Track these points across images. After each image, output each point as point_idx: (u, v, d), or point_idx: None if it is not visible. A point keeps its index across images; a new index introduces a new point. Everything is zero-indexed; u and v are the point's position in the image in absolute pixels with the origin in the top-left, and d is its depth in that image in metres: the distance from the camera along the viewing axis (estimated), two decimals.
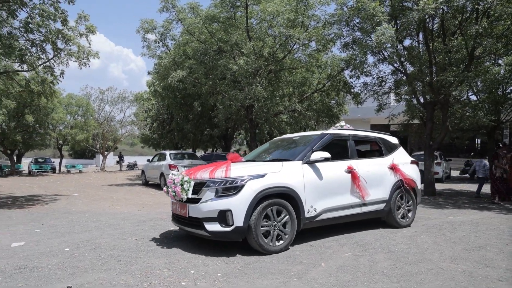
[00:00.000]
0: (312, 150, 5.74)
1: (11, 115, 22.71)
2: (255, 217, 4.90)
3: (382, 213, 6.56)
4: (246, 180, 4.96)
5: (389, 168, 6.69)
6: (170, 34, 17.24)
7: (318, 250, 5.27)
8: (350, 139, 6.48)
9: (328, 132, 6.37)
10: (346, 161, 6.15)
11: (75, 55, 11.51)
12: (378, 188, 6.40)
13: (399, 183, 6.71)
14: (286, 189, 5.20)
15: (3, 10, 9.98)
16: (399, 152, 7.18)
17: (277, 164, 5.43)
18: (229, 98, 16.13)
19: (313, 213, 5.48)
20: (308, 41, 15.73)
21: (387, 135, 7.37)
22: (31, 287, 3.88)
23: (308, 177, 5.48)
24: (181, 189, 5.21)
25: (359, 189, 6.01)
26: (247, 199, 4.86)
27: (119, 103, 36.17)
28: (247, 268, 4.47)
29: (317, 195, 5.52)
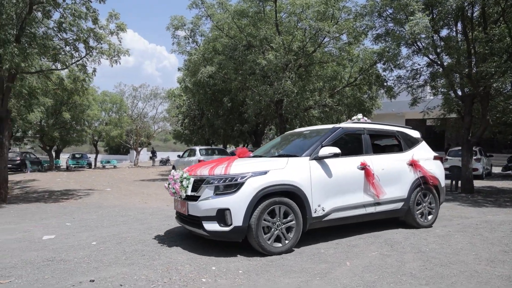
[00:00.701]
0: (321, 145, 5.39)
1: (50, 113, 23.73)
2: (256, 217, 4.63)
3: (400, 212, 6.13)
4: (246, 177, 4.68)
5: (408, 164, 6.23)
6: (200, 30, 17.33)
7: (344, 248, 5.09)
8: (365, 133, 6.05)
9: (340, 126, 5.95)
10: (359, 156, 5.75)
11: (107, 52, 11.75)
12: (395, 185, 5.99)
13: (419, 180, 6.25)
14: (291, 187, 4.90)
15: (39, 11, 10.31)
16: (420, 147, 6.70)
17: (282, 160, 5.11)
18: (258, 93, 16.04)
19: (321, 212, 5.15)
20: (339, 34, 15.35)
21: (407, 129, 6.90)
22: (57, 279, 3.95)
23: (316, 174, 5.14)
24: (180, 186, 5.06)
25: (373, 187, 5.62)
26: (246, 198, 4.59)
27: (151, 99, 37.03)
28: (269, 266, 4.36)
29: (325, 194, 5.18)
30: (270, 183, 4.74)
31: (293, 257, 4.69)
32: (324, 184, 5.18)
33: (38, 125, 24.69)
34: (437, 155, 6.94)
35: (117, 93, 36.37)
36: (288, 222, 4.88)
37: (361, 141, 5.96)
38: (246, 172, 4.74)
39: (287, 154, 5.61)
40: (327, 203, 5.20)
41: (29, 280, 3.94)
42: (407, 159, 6.28)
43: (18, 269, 4.31)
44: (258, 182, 4.68)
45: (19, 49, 8.61)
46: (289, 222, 4.89)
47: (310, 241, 5.44)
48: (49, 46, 10.23)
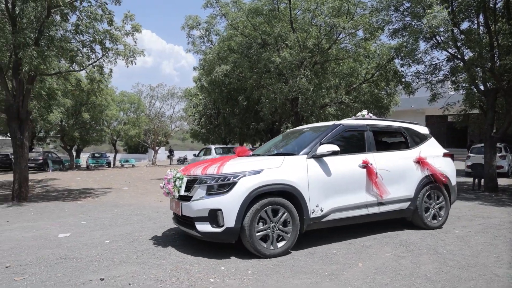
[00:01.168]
0: (320, 142, 5.18)
1: (70, 113, 24.24)
2: (249, 218, 4.48)
3: (406, 212, 5.85)
4: (239, 177, 4.54)
5: (415, 162, 5.95)
6: (214, 29, 17.34)
7: (357, 249, 4.97)
8: (368, 129, 5.79)
9: (341, 122, 5.73)
10: (361, 154, 5.51)
11: (122, 53, 11.86)
12: (400, 184, 5.72)
13: (427, 178, 5.97)
14: (286, 186, 4.71)
15: (57, 14, 10.47)
16: (428, 144, 6.39)
17: (278, 159, 4.93)
18: (273, 91, 15.96)
19: (319, 213, 4.95)
20: (355, 29, 15.10)
21: (414, 125, 6.59)
22: (68, 277, 3.99)
23: (314, 173, 4.94)
24: (173, 186, 4.99)
25: (375, 186, 5.37)
26: (239, 198, 4.45)
27: (168, 99, 37.38)
28: (279, 266, 4.30)
29: (324, 193, 4.98)
30: (263, 183, 4.59)
31: (304, 258, 4.61)
32: (322, 183, 4.98)
33: (59, 126, 25.27)
34: (447, 152, 6.61)
35: (135, 93, 36.91)
36: (284, 222, 4.71)
37: (364, 138, 5.73)
38: (239, 172, 4.60)
39: (285, 152, 5.45)
40: (326, 204, 5.00)
41: (41, 277, 4.00)
42: (413, 157, 6.00)
43: (33, 266, 4.38)
44: (251, 181, 4.54)
45: (38, 52, 8.78)
46: (285, 222, 4.72)
47: (322, 241, 5.35)
48: (67, 48, 10.40)
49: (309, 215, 4.86)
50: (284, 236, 4.72)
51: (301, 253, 4.82)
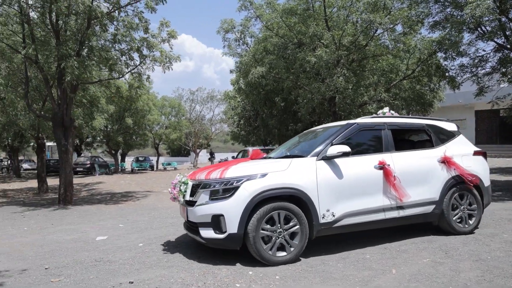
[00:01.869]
0: (331, 143, 4.91)
1: (114, 119, 25.30)
2: (253, 224, 4.32)
3: (431, 217, 5.41)
4: (242, 181, 4.38)
5: (440, 162, 5.48)
6: (249, 31, 17.42)
7: (392, 254, 4.73)
8: (386, 128, 5.42)
9: (356, 121, 5.40)
10: (378, 155, 5.16)
11: (159, 60, 12.18)
12: (423, 186, 5.30)
13: (454, 179, 5.49)
14: (293, 190, 4.49)
15: (96, 25, 10.94)
16: (456, 142, 5.89)
17: (284, 162, 4.72)
18: (310, 91, 15.77)
19: (330, 218, 4.68)
20: (393, 24, 14.58)
21: (440, 121, 6.07)
22: (100, 280, 4.11)
23: (324, 175, 4.69)
24: (178, 190, 4.93)
25: (394, 188, 5.01)
26: (242, 203, 4.29)
27: (208, 102, 38.01)
28: (308, 272, 4.18)
29: (335, 197, 4.71)
30: (268, 187, 4.40)
31: (335, 263, 4.46)
32: (333, 186, 4.71)
33: (104, 131, 26.49)
34: (478, 149, 6.05)
35: (175, 97, 37.93)
36: (291, 228, 4.50)
37: (381, 138, 5.36)
38: (242, 176, 4.45)
39: (294, 154, 5.25)
40: (337, 208, 4.72)
41: (76, 279, 4.14)
42: (438, 156, 5.53)
43: (69, 268, 4.56)
44: (255, 186, 4.37)
45: (79, 62, 9.21)
46: (293, 228, 4.51)
47: (356, 245, 5.15)
48: (106, 57, 10.84)
49: (318, 220, 4.62)
50: (292, 243, 4.50)
51: (333, 257, 4.67)
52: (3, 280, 4.17)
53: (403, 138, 6.35)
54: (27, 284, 4.04)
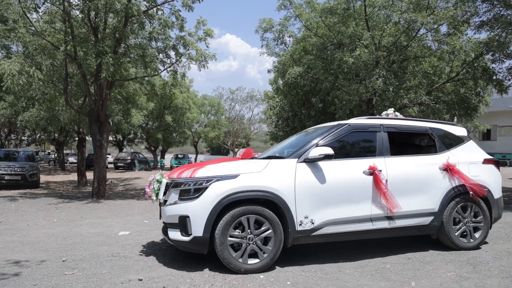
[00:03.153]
0: (316, 144, 4.56)
1: (154, 116, 26.02)
2: (220, 228, 4.06)
3: (428, 229, 4.93)
4: (211, 181, 4.14)
5: (441, 169, 5.00)
6: (288, 31, 17.27)
7: (415, 265, 4.42)
8: (382, 130, 4.99)
9: (348, 122, 5.01)
10: (369, 159, 4.76)
11: (195, 58, 12.31)
12: (420, 195, 4.85)
13: (457, 189, 4.99)
14: (266, 194, 4.18)
15: (134, 23, 11.23)
16: (464, 148, 5.38)
17: (261, 163, 4.41)
18: (347, 93, 15.37)
19: (309, 225, 4.34)
20: (438, 24, 13.87)
21: (447, 125, 5.58)
22: (111, 275, 4.12)
23: (303, 179, 4.35)
24: (151, 189, 4.80)
25: (383, 197, 4.59)
26: (208, 205, 4.05)
27: (247, 102, 38.18)
28: (322, 279, 3.98)
29: (316, 203, 4.36)
30: (238, 189, 4.13)
31: (352, 271, 4.23)
32: (314, 191, 4.37)
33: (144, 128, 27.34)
34: (489, 157, 5.49)
35: (215, 96, 38.44)
36: (263, 233, 4.20)
37: (375, 140, 4.94)
38: (212, 176, 4.21)
39: (276, 155, 4.95)
40: (318, 215, 4.37)
41: (88, 273, 4.19)
42: (439, 163, 5.04)
43: (85, 262, 4.63)
44: (224, 187, 4.11)
45: (114, 59, 9.48)
46: (265, 233, 4.21)
47: (378, 253, 4.88)
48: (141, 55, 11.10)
49: (295, 227, 4.28)
50: (265, 249, 4.21)
51: (351, 265, 4.44)
52: (21, 270, 4.28)
53: (403, 142, 5.86)
54: (42, 275, 4.12)
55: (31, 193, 12.83)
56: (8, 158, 16.13)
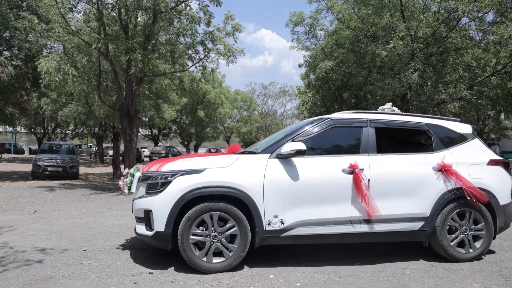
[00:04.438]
0: (291, 139, 4.31)
1: (188, 111, 26.45)
2: (183, 224, 3.94)
3: (418, 235, 4.48)
4: (176, 176, 4.02)
5: (436, 170, 4.51)
6: (319, 24, 16.89)
7: (438, 272, 4.14)
8: (369, 126, 4.58)
9: (330, 116, 4.67)
10: (351, 156, 4.39)
11: (223, 53, 12.32)
12: (409, 198, 4.40)
13: (454, 193, 4.47)
14: (231, 190, 4.01)
15: (162, 20, 11.38)
16: (466, 147, 4.80)
17: (229, 158, 4.24)
18: (381, 88, 14.83)
19: (279, 225, 4.10)
20: (483, 12, 13.05)
21: (448, 122, 5.01)
22: (125, 267, 4.17)
23: (273, 176, 4.11)
24: (124, 182, 4.74)
25: (363, 199, 4.23)
26: (171, 199, 3.94)
27: (280, 97, 37.95)
28: (334, 282, 3.82)
29: (287, 202, 4.11)
30: (202, 184, 3.99)
31: (369, 275, 4.03)
32: (285, 189, 4.12)
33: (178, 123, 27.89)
34: (496, 158, 4.89)
35: (248, 91, 38.53)
36: (228, 230, 4.04)
37: (360, 137, 4.56)
38: (177, 170, 4.08)
39: (250, 150, 4.71)
40: (289, 215, 4.11)
41: (103, 264, 4.28)
42: (434, 163, 4.55)
43: (103, 252, 4.74)
44: (187, 182, 3.99)
45: (142, 55, 9.65)
46: (230, 230, 4.05)
47: (399, 258, 4.63)
48: (171, 51, 11.24)
49: (263, 227, 4.07)
50: (231, 248, 4.05)
51: (368, 269, 4.24)
52: (44, 258, 4.46)
53: (395, 139, 5.46)
54: (62, 263, 4.26)
55: (69, 184, 13.40)
56: (51, 151, 17.08)
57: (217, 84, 28.03)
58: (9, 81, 13.92)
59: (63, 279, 3.79)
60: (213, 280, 3.80)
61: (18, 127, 35.49)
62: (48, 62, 9.91)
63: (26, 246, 4.93)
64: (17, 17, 12.79)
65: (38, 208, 8.04)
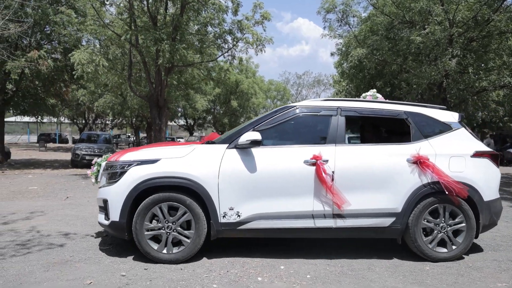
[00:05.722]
0: (253, 129, 4.14)
1: (221, 102, 26.67)
2: (138, 214, 3.91)
3: (389, 232, 4.17)
4: (132, 166, 4.00)
5: (410, 162, 4.14)
6: (352, 10, 16.40)
7: (460, 269, 3.91)
8: (339, 114, 4.29)
9: (296, 104, 4.44)
10: (315, 147, 4.15)
11: (251, 42, 12.23)
12: (379, 192, 4.11)
13: (430, 187, 4.10)
14: (185, 181, 3.92)
15: (191, 10, 11.43)
16: (449, 137, 4.37)
17: (186, 148, 4.13)
18: (416, 75, 14.20)
19: (235, 218, 3.98)
20: None
21: (431, 109, 4.56)
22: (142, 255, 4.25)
23: (229, 167, 3.98)
24: (92, 171, 4.75)
25: (329, 191, 3.99)
26: (125, 189, 3.92)
27: (314, 86, 37.40)
28: (346, 276, 3.71)
29: (243, 194, 3.97)
30: (156, 175, 3.93)
31: (383, 270, 3.88)
32: (242, 181, 3.98)
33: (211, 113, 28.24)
34: (483, 150, 4.40)
35: (281, 81, 38.25)
36: (180, 218, 3.97)
37: (328, 126, 4.27)
38: (134, 160, 4.05)
39: (212, 140, 4.50)
40: (245, 207, 3.98)
41: (120, 250, 4.41)
42: (408, 154, 4.18)
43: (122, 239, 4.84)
44: (142, 172, 3.95)
45: (170, 46, 9.77)
46: (182, 217, 3.97)
47: None
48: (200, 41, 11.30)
49: (218, 219, 3.98)
50: (183, 241, 3.98)
51: (384, 263, 4.08)
52: (66, 242, 4.66)
53: (370, 128, 5.11)
54: (81, 248, 4.43)
55: None
56: (89, 140, 17.91)
57: (250, 74, 28.01)
58: (49, 74, 14.58)
59: (79, 263, 3.94)
60: (222, 269, 3.81)
61: (62, 118, 37.32)
62: (81, 54, 10.25)
63: (51, 231, 5.16)
64: (56, 11, 13.31)
65: (70, 194, 8.41)
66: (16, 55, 12.72)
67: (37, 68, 12.93)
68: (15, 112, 19.65)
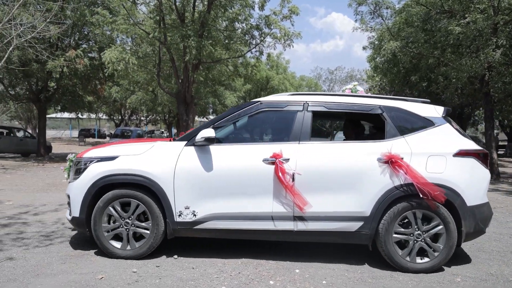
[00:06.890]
0: (212, 126, 3.98)
1: (251, 98, 26.58)
2: (95, 211, 3.92)
3: (357, 237, 3.83)
4: (92, 162, 4.01)
5: (381, 162, 3.77)
6: (385, 2, 15.75)
7: (496, 283, 3.56)
8: (305, 109, 4.03)
9: (260, 99, 4.21)
10: (276, 144, 3.94)
11: (279, 37, 12.05)
12: (344, 193, 3.79)
13: (402, 190, 3.71)
14: (140, 178, 3.87)
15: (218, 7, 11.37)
16: (430, 133, 3.92)
17: (145, 145, 4.09)
18: (455, 69, 13.42)
19: (191, 217, 3.86)
20: None
21: (412, 103, 4.12)
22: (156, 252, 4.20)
23: (185, 165, 3.87)
24: (65, 167, 4.80)
25: (288, 191, 3.75)
26: (84, 186, 3.94)
27: (347, 82, 36.52)
28: (364, 283, 3.48)
29: (199, 193, 3.85)
30: (113, 172, 3.91)
31: (407, 279, 3.61)
32: (198, 180, 3.86)
33: None
34: (469, 148, 3.90)
35: (313, 77, 37.64)
36: (134, 212, 3.93)
37: (292, 122, 4.01)
38: (95, 157, 4.07)
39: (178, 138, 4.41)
40: (201, 207, 3.86)
41: None
42: (379, 153, 3.80)
43: None
44: (100, 169, 3.94)
45: (196, 42, 9.76)
46: (135, 212, 3.93)
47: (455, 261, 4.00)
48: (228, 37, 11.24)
49: (174, 218, 3.88)
50: (144, 234, 3.95)
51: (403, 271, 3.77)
52: (74, 233, 4.82)
53: (341, 124, 4.84)
54: (85, 241, 4.48)
55: None
56: (122, 136, 18.68)
57: (281, 70, 27.70)
58: (85, 72, 15.08)
59: (95, 256, 4.00)
60: (234, 270, 3.70)
61: (100, 114, 38.70)
62: (111, 52, 10.45)
63: None
64: (92, 13, 13.70)
65: None
66: (56, 55, 13.21)
67: (74, 66, 13.39)
68: (56, 108, 20.54)
